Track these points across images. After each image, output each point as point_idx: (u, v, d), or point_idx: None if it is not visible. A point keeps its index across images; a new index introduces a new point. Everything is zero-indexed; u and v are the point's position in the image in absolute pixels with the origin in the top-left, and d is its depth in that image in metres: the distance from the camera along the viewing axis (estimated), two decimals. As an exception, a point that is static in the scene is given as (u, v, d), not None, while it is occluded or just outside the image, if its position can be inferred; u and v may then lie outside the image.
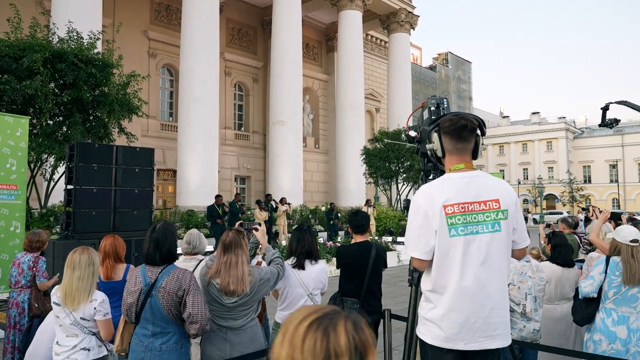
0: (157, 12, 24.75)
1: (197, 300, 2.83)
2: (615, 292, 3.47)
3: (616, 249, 3.55)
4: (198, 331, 2.81)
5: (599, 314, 3.52)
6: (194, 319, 2.80)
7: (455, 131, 2.15)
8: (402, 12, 29.69)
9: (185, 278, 2.88)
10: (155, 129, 23.84)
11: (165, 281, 2.87)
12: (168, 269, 2.94)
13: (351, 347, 0.91)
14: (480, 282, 2.04)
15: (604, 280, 3.50)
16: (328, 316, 0.95)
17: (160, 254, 2.94)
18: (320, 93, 32.61)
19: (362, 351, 0.92)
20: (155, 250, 2.93)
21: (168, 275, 2.89)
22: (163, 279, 2.88)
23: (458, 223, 2.06)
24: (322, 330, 0.93)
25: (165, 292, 2.84)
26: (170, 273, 2.90)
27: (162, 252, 2.95)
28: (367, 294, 4.06)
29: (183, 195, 18.79)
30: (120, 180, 7.22)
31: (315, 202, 27.41)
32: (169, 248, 2.97)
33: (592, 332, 3.53)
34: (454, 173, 2.17)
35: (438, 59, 74.19)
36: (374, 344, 0.95)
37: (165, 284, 2.86)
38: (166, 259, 2.97)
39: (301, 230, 3.67)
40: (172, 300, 2.84)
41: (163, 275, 2.90)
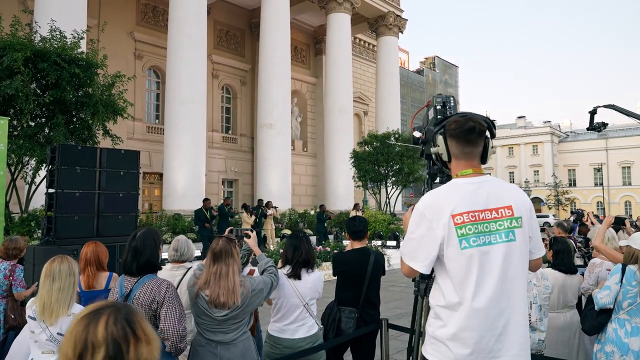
0: (143, 14, 24.40)
1: (170, 315, 2.60)
2: (631, 303, 3.32)
3: (633, 256, 3.39)
4: (171, 349, 2.57)
5: (611, 325, 3.37)
6: (165, 335, 2.57)
7: (462, 134, 1.95)
8: (390, 15, 29.68)
9: (160, 289, 2.66)
10: (141, 131, 23.47)
11: (139, 292, 2.65)
12: (144, 279, 2.72)
13: (108, 339, 1.00)
14: (495, 297, 1.84)
15: (620, 290, 3.35)
16: (98, 310, 1.06)
17: (137, 264, 2.72)
18: (309, 96, 32.45)
19: (121, 343, 1.01)
20: (132, 260, 2.72)
21: (142, 286, 2.68)
22: (137, 290, 2.67)
23: (469, 233, 1.86)
24: (86, 323, 1.03)
25: (138, 304, 2.62)
26: (146, 283, 2.68)
27: (140, 262, 2.73)
28: (365, 302, 3.88)
29: (170, 199, 18.46)
30: (105, 183, 6.96)
31: (304, 206, 27.20)
32: (148, 258, 2.74)
33: (604, 343, 3.38)
34: (461, 179, 1.98)
35: (425, 63, 74.50)
36: (142, 339, 1.04)
37: (139, 295, 2.65)
38: (144, 269, 2.74)
39: (297, 238, 3.46)
40: (145, 313, 2.60)
41: (138, 286, 2.69)
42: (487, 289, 1.85)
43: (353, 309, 3.86)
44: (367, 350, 3.91)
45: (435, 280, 2.01)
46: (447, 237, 1.89)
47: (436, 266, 1.97)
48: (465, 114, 1.98)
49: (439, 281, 1.97)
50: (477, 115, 1.97)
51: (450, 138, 2.00)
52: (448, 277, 1.92)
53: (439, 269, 1.97)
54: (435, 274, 2.02)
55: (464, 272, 1.87)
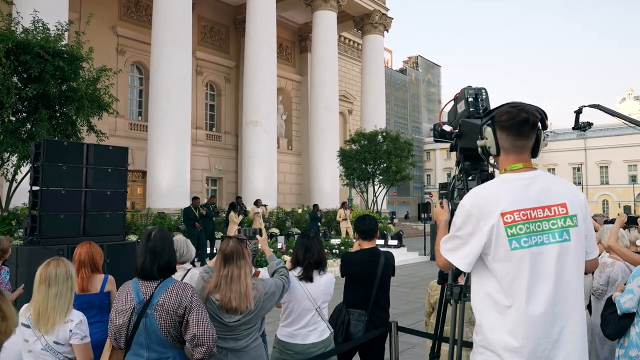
0: (126, 8, 23.91)
1: (202, 319, 2.39)
2: None
3: None
4: (204, 355, 2.35)
5: (635, 328, 3.27)
6: (199, 341, 2.35)
7: (515, 126, 1.81)
8: (376, 13, 29.62)
9: (186, 293, 2.45)
10: (123, 128, 23.00)
11: (163, 297, 2.42)
12: (165, 283, 2.49)
13: None
14: (550, 301, 1.70)
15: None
16: None
17: (158, 266, 2.49)
18: (294, 94, 32.24)
19: None
20: (152, 262, 2.48)
21: (166, 290, 2.45)
22: (160, 295, 2.43)
23: (520, 233, 1.73)
24: None
25: (163, 311, 2.40)
26: (169, 288, 2.46)
27: (160, 265, 2.49)
28: (374, 305, 3.73)
29: (154, 197, 18.08)
30: (92, 181, 6.70)
31: (288, 204, 27.00)
32: (168, 259, 2.53)
33: (628, 347, 3.28)
34: (511, 174, 1.84)
35: (408, 62, 74.89)
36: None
37: (163, 300, 2.41)
38: (164, 271, 2.52)
39: (308, 238, 3.29)
40: (171, 319, 2.40)
41: (160, 291, 2.45)
42: (542, 293, 1.71)
43: (362, 312, 3.71)
44: (376, 354, 3.76)
45: (477, 281, 1.86)
46: (495, 237, 1.75)
47: (477, 266, 1.83)
48: (518, 104, 1.84)
49: (484, 282, 1.82)
50: (530, 105, 1.83)
51: (500, 130, 1.85)
52: (494, 278, 1.78)
53: (481, 270, 1.83)
54: (472, 274, 1.88)
55: (514, 274, 1.73)
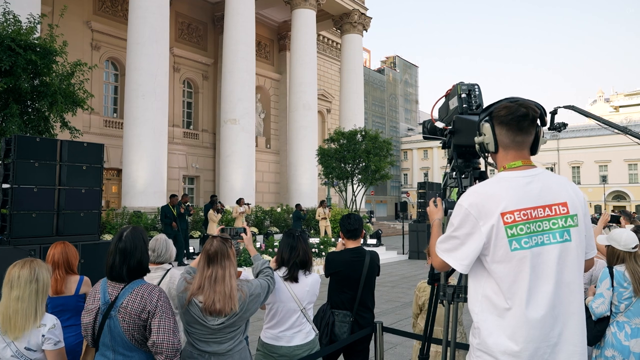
0: (101, 2, 23.37)
1: (164, 326, 2.30)
2: (627, 305, 3.25)
3: (618, 258, 3.34)
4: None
5: (610, 329, 3.29)
6: (158, 349, 2.27)
7: (514, 121, 1.75)
8: (355, 13, 29.64)
9: (151, 297, 2.35)
10: (98, 125, 22.50)
11: (127, 299, 2.33)
12: (132, 284, 2.39)
13: None
14: (550, 303, 1.66)
15: (613, 294, 3.28)
16: None
17: (128, 268, 2.39)
18: (272, 92, 32.04)
19: None
20: (122, 263, 2.38)
21: (131, 292, 2.35)
22: (124, 297, 2.34)
23: (521, 234, 1.68)
24: None
25: (125, 313, 2.30)
26: (134, 290, 2.36)
27: (131, 265, 2.40)
28: (359, 306, 3.67)
29: (129, 196, 17.71)
30: (65, 178, 6.49)
31: (266, 203, 26.85)
32: (140, 259, 2.43)
33: (603, 348, 3.29)
34: (510, 172, 1.78)
35: (386, 62, 75.31)
36: None
37: (127, 302, 2.32)
38: (134, 273, 2.42)
39: (293, 237, 3.20)
40: (134, 323, 2.30)
41: (125, 292, 2.36)
42: (543, 296, 1.66)
43: (347, 313, 3.64)
44: (361, 355, 3.70)
45: (475, 283, 1.80)
46: (494, 238, 1.69)
47: (475, 267, 1.78)
48: (517, 99, 1.78)
49: (482, 284, 1.76)
50: (529, 100, 1.78)
51: (499, 126, 1.79)
52: (493, 279, 1.72)
53: (479, 271, 1.78)
54: (469, 276, 1.82)
55: (514, 275, 1.67)
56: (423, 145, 72.40)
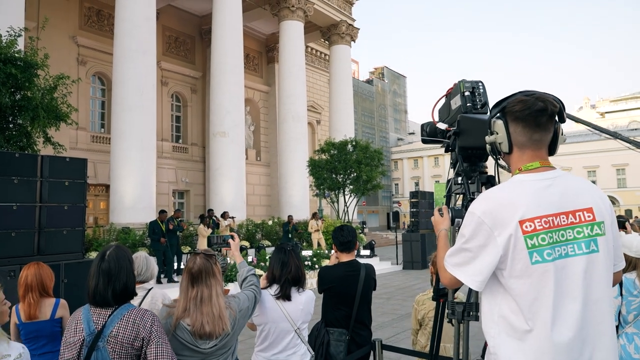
0: (87, 17, 23.17)
1: (161, 352, 2.07)
2: (636, 315, 3.06)
3: (629, 264, 3.14)
4: None
5: (619, 341, 3.08)
6: None
7: (531, 117, 1.54)
8: (342, 24, 29.68)
9: (144, 322, 2.11)
10: (85, 140, 22.17)
11: (117, 327, 2.08)
12: (121, 310, 2.14)
13: None
14: (578, 324, 1.45)
15: (622, 304, 3.09)
16: None
17: (113, 291, 2.14)
18: (261, 104, 31.91)
19: None
20: (106, 285, 2.13)
21: (121, 318, 2.10)
22: (113, 325, 2.09)
23: (543, 244, 1.47)
24: None
25: (117, 343, 2.06)
26: (124, 315, 2.11)
27: (116, 289, 2.15)
28: (356, 323, 3.45)
29: (117, 212, 17.35)
30: (47, 195, 6.23)
31: (257, 216, 26.53)
32: (125, 283, 2.19)
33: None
34: (527, 174, 1.57)
35: (374, 73, 75.66)
36: None
37: (117, 331, 2.07)
38: (121, 297, 2.18)
39: (284, 252, 2.98)
40: (126, 353, 2.06)
41: (114, 319, 2.10)
42: (569, 315, 1.44)
43: (343, 330, 3.42)
44: (359, 375, 3.48)
45: (489, 301, 1.59)
46: (512, 249, 1.48)
47: (490, 283, 1.56)
48: (533, 92, 1.57)
49: (498, 302, 1.55)
50: (546, 93, 1.58)
51: (514, 122, 1.58)
52: (510, 297, 1.51)
53: (495, 287, 1.56)
54: (483, 293, 1.61)
55: (535, 292, 1.46)
56: (413, 154, 72.54)
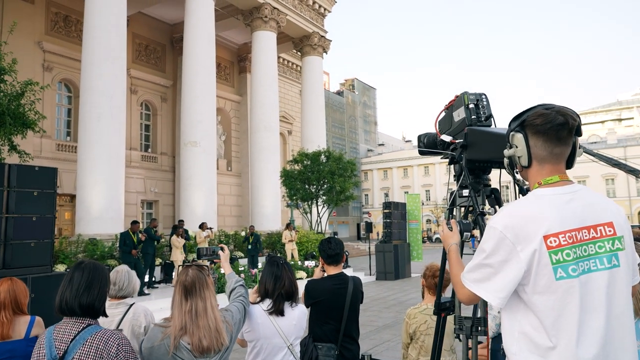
0: (53, 23, 22.57)
1: None
2: None
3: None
4: None
5: None
6: None
7: (553, 131, 1.53)
8: (315, 35, 29.84)
9: (109, 347, 1.96)
10: (50, 149, 21.49)
11: (79, 353, 1.93)
12: (84, 333, 1.98)
13: None
14: (602, 340, 1.43)
15: None
16: None
17: (80, 303, 2.03)
18: (233, 114, 31.67)
19: None
20: (77, 295, 2.03)
21: (83, 343, 1.94)
22: (75, 350, 1.93)
23: (567, 260, 1.45)
24: None
25: None
26: (87, 340, 1.95)
27: (85, 301, 2.04)
28: (344, 337, 3.38)
29: (84, 222, 16.81)
30: (14, 205, 5.98)
31: (228, 227, 26.21)
32: (96, 296, 2.08)
33: None
34: (548, 188, 1.56)
35: (345, 85, 76.33)
36: None
37: (79, 357, 1.92)
38: (88, 310, 2.06)
39: (277, 265, 2.89)
40: None
41: (76, 345, 1.94)
42: (594, 332, 1.43)
43: (332, 345, 3.34)
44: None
45: (510, 317, 1.56)
46: (536, 265, 1.45)
47: (510, 299, 1.53)
48: (552, 106, 1.56)
49: (518, 318, 1.52)
50: (565, 107, 1.58)
51: (535, 136, 1.57)
52: (532, 313, 1.48)
53: (515, 303, 1.54)
54: (503, 310, 1.58)
55: (560, 308, 1.43)
56: (383, 165, 73.27)
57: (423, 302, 3.46)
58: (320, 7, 30.63)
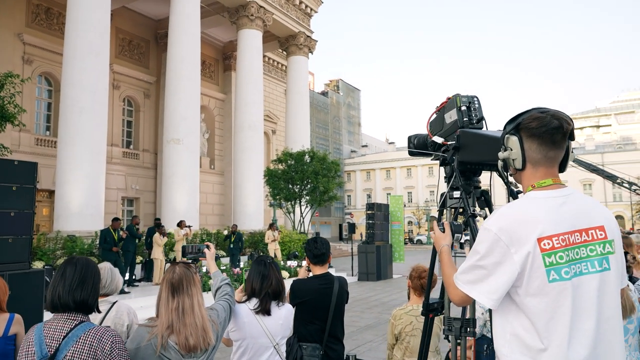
0: (34, 15, 22.13)
1: None
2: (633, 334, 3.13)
3: None
4: None
5: None
6: None
7: (548, 134, 1.55)
8: (301, 35, 29.80)
9: (102, 345, 1.91)
10: (28, 143, 21.06)
11: (72, 351, 1.87)
12: (77, 330, 1.92)
13: None
14: (592, 343, 1.45)
15: None
16: None
17: (74, 298, 1.97)
18: (217, 112, 31.46)
19: None
20: (70, 290, 1.97)
21: (76, 341, 1.89)
22: (68, 348, 1.87)
23: (560, 263, 1.47)
24: None
25: None
26: (81, 337, 1.90)
27: (79, 296, 1.98)
28: (329, 337, 3.37)
29: (62, 219, 16.52)
30: (-8, 200, 5.83)
31: (210, 225, 26.03)
32: (90, 292, 2.03)
33: None
34: (541, 191, 1.58)
35: (330, 85, 76.44)
36: None
37: (72, 355, 1.87)
38: (82, 305, 2.00)
39: (264, 264, 2.87)
40: None
41: (68, 342, 1.88)
42: (585, 334, 1.44)
43: (317, 345, 3.33)
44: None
45: (501, 319, 1.57)
46: (529, 267, 1.47)
47: (502, 301, 1.54)
48: (547, 110, 1.58)
49: (510, 320, 1.53)
50: (559, 111, 1.59)
51: (530, 139, 1.58)
52: (524, 315, 1.49)
53: (507, 305, 1.55)
54: (494, 312, 1.59)
55: (552, 310, 1.45)
56: (366, 167, 73.57)
57: (409, 303, 3.48)
58: (306, 7, 30.62)
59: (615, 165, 47.07)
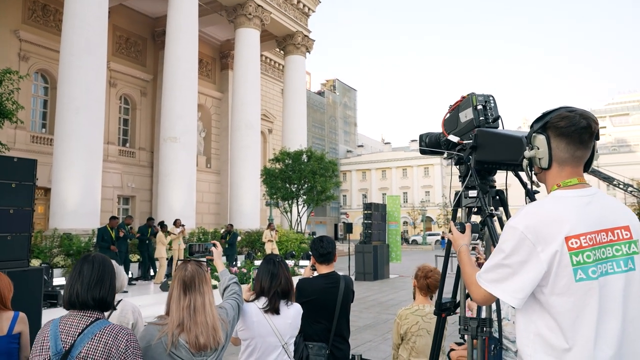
0: (31, 11, 22.01)
1: None
2: None
3: None
4: None
5: None
6: None
7: (576, 133, 1.55)
8: (298, 34, 29.77)
9: (118, 343, 1.89)
10: (24, 140, 20.95)
11: (87, 347, 1.85)
12: (93, 327, 1.91)
13: None
14: (618, 342, 1.45)
15: None
16: None
17: (93, 296, 1.95)
18: (214, 111, 31.39)
19: None
20: (89, 287, 1.95)
21: (91, 338, 1.87)
22: (83, 344, 1.85)
23: (588, 262, 1.46)
24: None
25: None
26: (96, 334, 1.88)
27: (98, 294, 1.96)
28: (335, 336, 3.36)
29: (58, 217, 16.44)
30: (-9, 197, 5.77)
31: (207, 224, 25.97)
32: (108, 289, 2.01)
33: None
34: (567, 190, 1.57)
35: (326, 85, 76.39)
36: None
37: (87, 351, 1.85)
38: (101, 303, 1.98)
39: (274, 263, 2.85)
40: None
41: (84, 339, 1.87)
42: (610, 334, 1.44)
43: (323, 345, 3.32)
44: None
45: (525, 319, 1.56)
46: (556, 266, 1.46)
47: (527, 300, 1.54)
48: (574, 109, 1.58)
49: (534, 320, 1.53)
50: (586, 111, 1.59)
51: (558, 138, 1.57)
52: (548, 314, 1.49)
53: (531, 304, 1.54)
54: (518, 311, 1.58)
55: (578, 310, 1.44)
56: (362, 167, 73.61)
57: (414, 302, 3.47)
58: (304, 7, 30.60)
59: (609, 167, 47.30)
